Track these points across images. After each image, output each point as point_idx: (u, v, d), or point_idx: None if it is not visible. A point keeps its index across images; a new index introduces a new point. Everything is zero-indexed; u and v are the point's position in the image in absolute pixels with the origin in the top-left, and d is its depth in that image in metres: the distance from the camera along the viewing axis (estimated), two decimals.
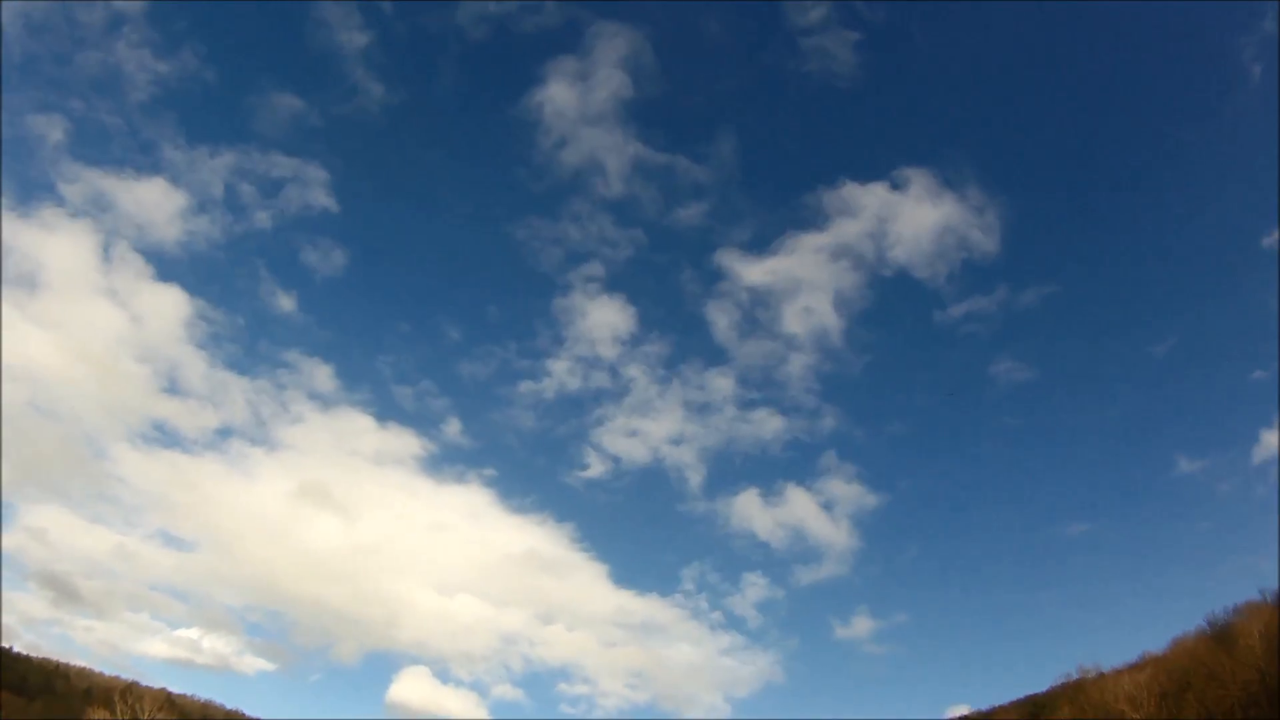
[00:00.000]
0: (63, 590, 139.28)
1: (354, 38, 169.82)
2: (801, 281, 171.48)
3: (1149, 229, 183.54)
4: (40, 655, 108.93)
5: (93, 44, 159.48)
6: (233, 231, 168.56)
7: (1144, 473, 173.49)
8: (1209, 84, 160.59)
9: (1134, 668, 68.81)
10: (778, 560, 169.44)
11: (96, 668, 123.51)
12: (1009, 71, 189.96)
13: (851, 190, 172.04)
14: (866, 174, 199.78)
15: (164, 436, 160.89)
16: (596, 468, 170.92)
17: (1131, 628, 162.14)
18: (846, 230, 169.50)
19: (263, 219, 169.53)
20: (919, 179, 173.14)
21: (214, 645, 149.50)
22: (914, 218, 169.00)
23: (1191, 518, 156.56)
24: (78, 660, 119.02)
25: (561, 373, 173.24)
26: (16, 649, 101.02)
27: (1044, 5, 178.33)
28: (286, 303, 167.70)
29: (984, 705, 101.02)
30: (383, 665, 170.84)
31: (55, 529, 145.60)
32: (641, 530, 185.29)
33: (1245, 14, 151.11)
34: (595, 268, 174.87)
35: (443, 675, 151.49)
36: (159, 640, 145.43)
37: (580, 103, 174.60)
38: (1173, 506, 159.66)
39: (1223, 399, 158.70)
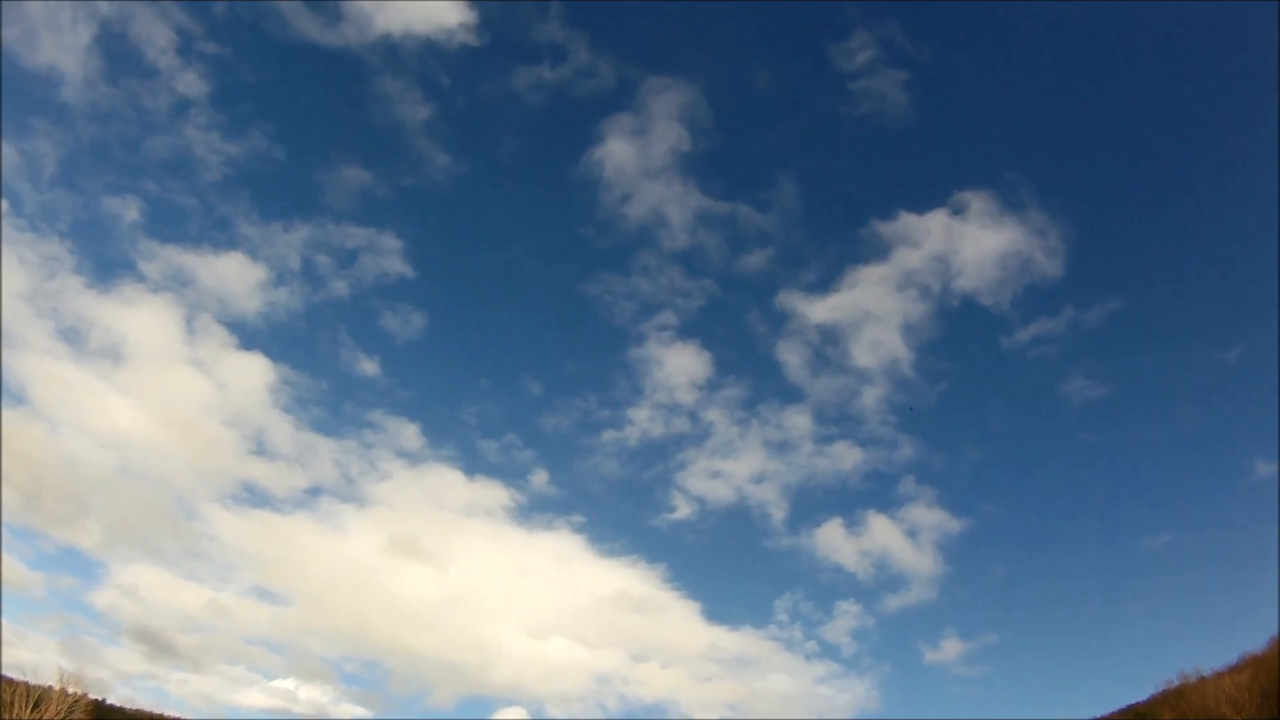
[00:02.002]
0: (157, 645, 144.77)
1: (416, 111, 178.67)
2: (868, 315, 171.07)
3: (1210, 236, 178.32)
4: (134, 707, 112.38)
5: (161, 129, 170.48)
6: (312, 301, 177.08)
7: (1223, 479, 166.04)
8: (1260, 86, 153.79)
9: (1234, 669, 64.21)
10: (864, 589, 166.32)
11: (192, 718, 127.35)
12: (1060, 89, 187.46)
13: (911, 221, 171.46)
14: (926, 204, 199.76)
15: (254, 496, 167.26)
16: (683, 509, 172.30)
17: (1228, 631, 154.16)
18: (909, 261, 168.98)
19: (340, 288, 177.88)
20: (978, 203, 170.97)
21: (310, 695, 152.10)
22: (976, 244, 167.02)
23: (1274, 519, 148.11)
24: (173, 711, 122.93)
25: (643, 420, 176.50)
26: (110, 701, 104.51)
27: (1086, 19, 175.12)
28: (369, 366, 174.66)
29: (1083, 717, 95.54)
30: (478, 708, 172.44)
31: (148, 586, 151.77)
32: (731, 567, 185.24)
33: None
34: (668, 317, 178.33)
35: (538, 715, 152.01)
36: (255, 691, 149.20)
37: (640, 158, 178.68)
38: (1254, 510, 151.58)
39: None
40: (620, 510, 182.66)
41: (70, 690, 69.98)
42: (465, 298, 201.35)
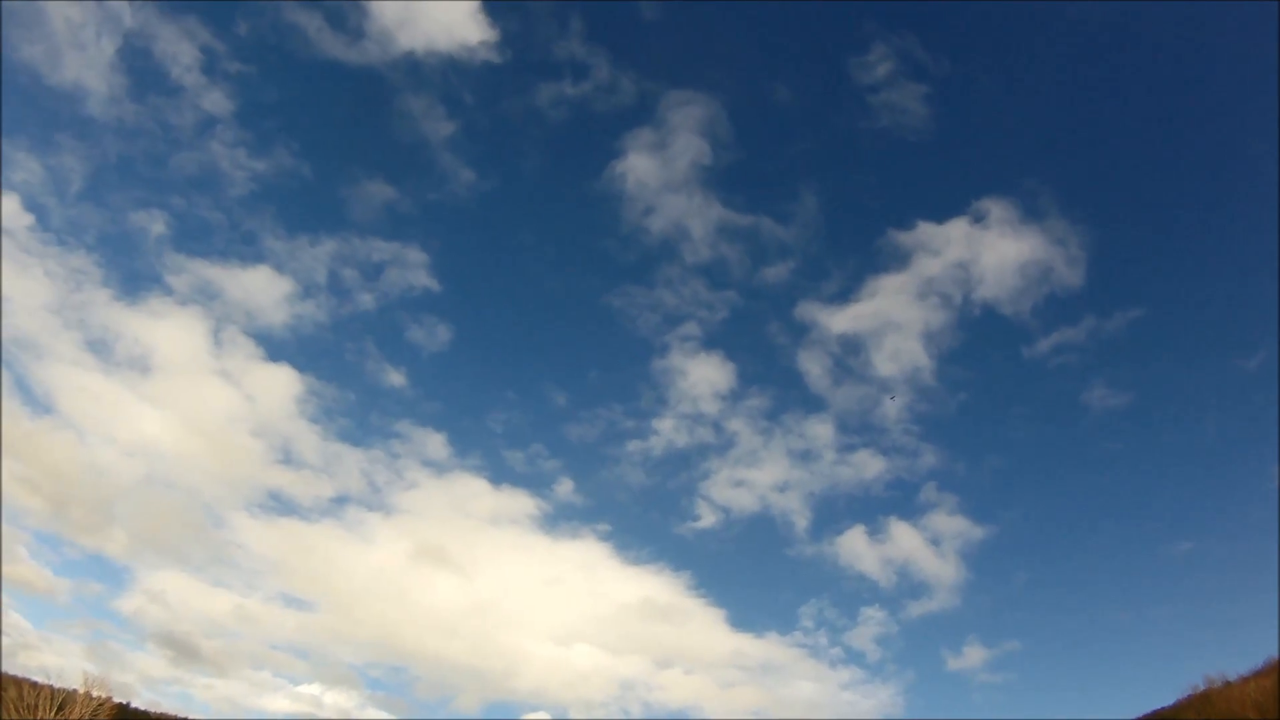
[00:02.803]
0: (182, 650, 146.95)
1: (439, 127, 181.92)
2: (889, 324, 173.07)
3: (1230, 243, 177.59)
4: (159, 711, 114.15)
5: (187, 145, 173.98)
6: (338, 314, 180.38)
7: (1244, 485, 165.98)
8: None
9: (1259, 674, 63.42)
10: (887, 595, 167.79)
11: None
12: (1080, 96, 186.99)
13: (931, 230, 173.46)
14: (946, 213, 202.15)
15: (280, 505, 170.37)
16: (708, 518, 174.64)
17: (1252, 636, 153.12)
18: (930, 270, 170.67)
19: (367, 301, 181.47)
20: (998, 210, 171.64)
21: (335, 700, 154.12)
22: (997, 253, 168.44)
23: None
24: (198, 715, 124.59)
25: (667, 430, 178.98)
26: (135, 705, 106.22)
27: (1106, 26, 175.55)
28: (396, 377, 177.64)
29: None
30: (503, 713, 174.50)
31: (175, 592, 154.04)
32: (755, 575, 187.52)
33: None
34: (691, 328, 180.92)
35: None
36: (280, 696, 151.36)
37: (662, 171, 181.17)
38: (1275, 516, 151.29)
39: None
40: (645, 519, 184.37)
41: (95, 693, 71.14)
42: (490, 310, 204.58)
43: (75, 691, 68.68)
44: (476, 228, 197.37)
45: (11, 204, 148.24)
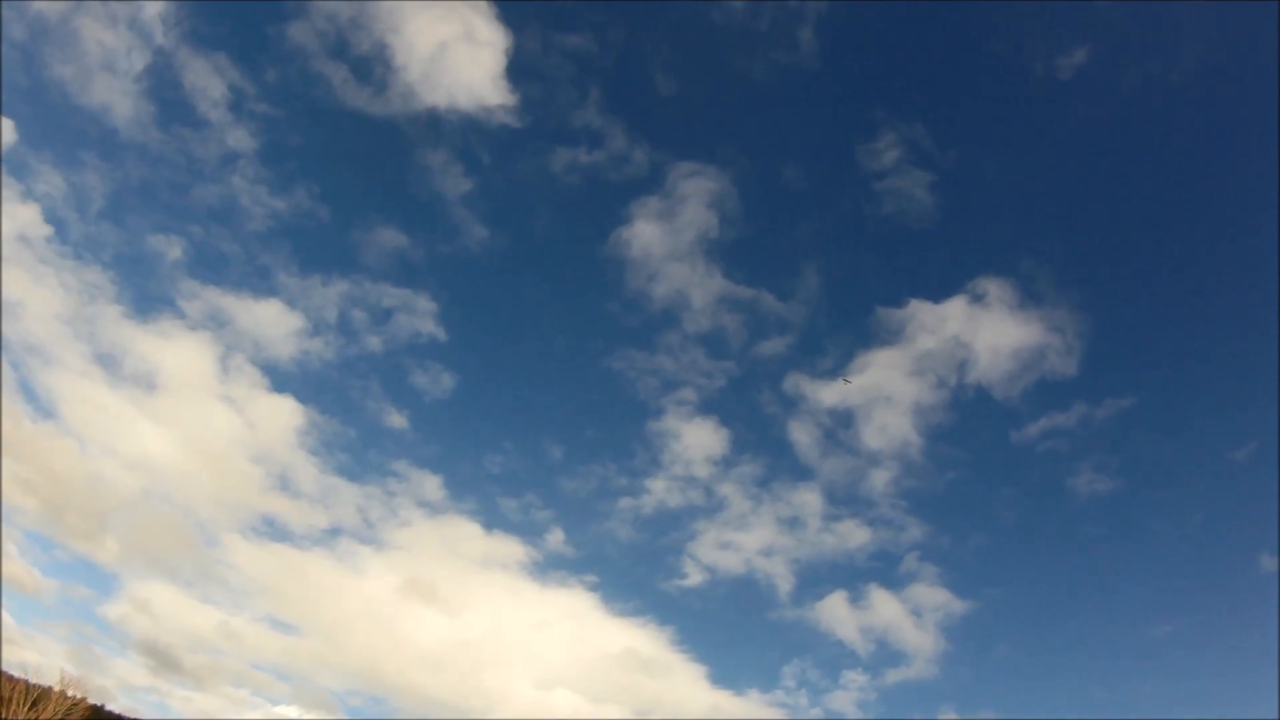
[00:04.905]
0: (164, 660, 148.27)
1: (456, 183, 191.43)
2: (879, 399, 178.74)
3: (1225, 334, 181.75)
4: (134, 717, 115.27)
5: (209, 177, 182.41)
6: (345, 353, 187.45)
7: (1226, 573, 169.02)
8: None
9: None
10: (865, 661, 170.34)
11: None
12: (1083, 186, 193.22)
13: (928, 310, 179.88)
14: (944, 293, 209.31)
15: (274, 530, 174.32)
16: (695, 577, 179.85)
17: (1233, 714, 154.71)
18: (924, 348, 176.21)
19: (374, 343, 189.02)
20: (996, 290, 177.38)
21: None
22: (992, 336, 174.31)
23: (1274, 611, 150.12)
24: None
25: (659, 490, 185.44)
26: (110, 708, 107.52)
27: (1115, 116, 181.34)
28: (397, 419, 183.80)
29: None
30: None
31: (161, 604, 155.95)
32: (738, 634, 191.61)
33: None
34: (688, 394, 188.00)
35: None
36: (257, 715, 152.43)
37: (667, 240, 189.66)
38: (1256, 602, 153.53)
39: None
40: (633, 573, 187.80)
41: (70, 693, 71.95)
42: (494, 362, 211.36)
43: (50, 689, 69.84)
44: (485, 282, 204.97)
45: (32, 213, 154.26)
